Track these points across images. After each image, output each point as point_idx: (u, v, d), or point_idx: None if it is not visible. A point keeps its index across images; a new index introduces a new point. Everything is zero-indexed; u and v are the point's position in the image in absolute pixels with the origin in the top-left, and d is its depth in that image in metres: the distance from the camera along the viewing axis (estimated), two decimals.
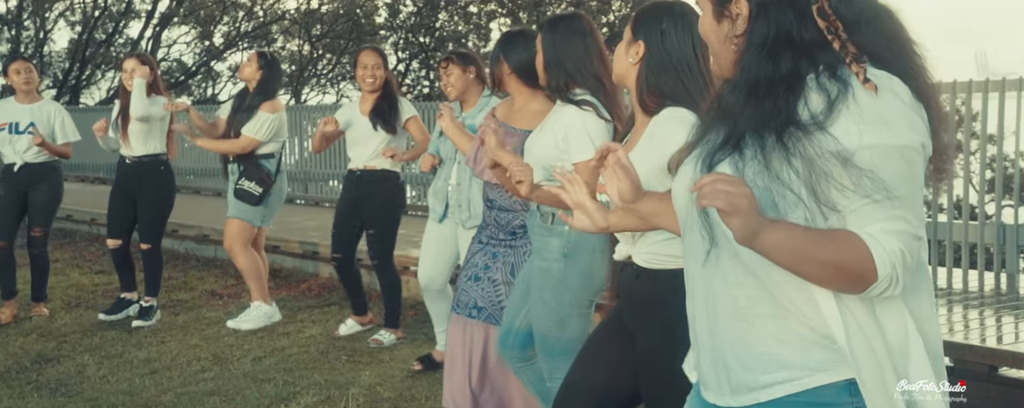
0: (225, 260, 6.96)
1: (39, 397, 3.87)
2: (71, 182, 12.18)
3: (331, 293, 5.85)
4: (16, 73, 5.29)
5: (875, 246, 1.24)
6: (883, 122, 1.25)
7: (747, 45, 1.36)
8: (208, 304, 5.73)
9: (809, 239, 1.24)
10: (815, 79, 1.31)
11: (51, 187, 5.29)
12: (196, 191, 10.68)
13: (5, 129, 5.21)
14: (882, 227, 1.24)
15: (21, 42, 24.05)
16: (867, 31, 1.33)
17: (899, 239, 1.24)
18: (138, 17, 24.88)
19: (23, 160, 5.21)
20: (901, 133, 1.25)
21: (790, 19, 1.33)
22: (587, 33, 2.67)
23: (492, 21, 22.88)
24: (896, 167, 1.24)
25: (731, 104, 1.36)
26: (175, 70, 26.07)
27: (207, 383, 4.03)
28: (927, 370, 1.31)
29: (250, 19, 24.90)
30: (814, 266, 1.24)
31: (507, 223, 3.22)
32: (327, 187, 10.35)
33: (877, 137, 1.24)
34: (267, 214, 5.02)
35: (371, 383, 3.98)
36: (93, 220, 8.37)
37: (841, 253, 1.23)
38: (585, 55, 2.65)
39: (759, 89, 1.32)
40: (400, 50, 24.06)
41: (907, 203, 1.25)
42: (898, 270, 1.24)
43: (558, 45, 2.65)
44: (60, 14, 24.79)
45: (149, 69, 5.09)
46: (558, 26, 2.68)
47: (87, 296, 5.94)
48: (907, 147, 1.25)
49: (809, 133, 1.26)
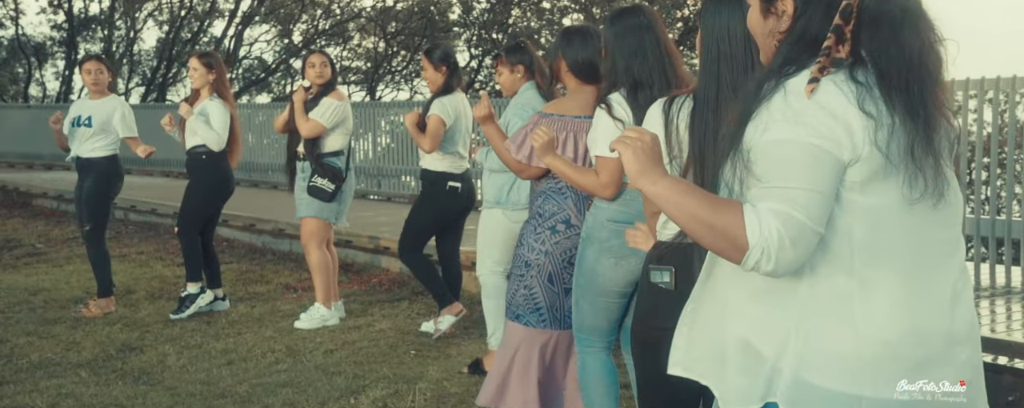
0: (300, 254, 7.13)
1: (123, 385, 4.04)
2: (156, 177, 12.65)
3: (401, 288, 5.93)
4: (87, 72, 5.51)
5: (750, 216, 1.31)
6: (790, 121, 1.31)
7: (784, 42, 1.40)
8: (283, 297, 5.88)
9: (693, 196, 1.36)
10: (776, 76, 1.36)
11: (95, 181, 5.41)
12: (273, 186, 10.97)
13: (73, 123, 5.46)
14: (769, 206, 1.31)
15: (113, 41, 25.03)
16: (882, 32, 1.33)
17: (779, 219, 1.29)
18: (222, 16, 25.65)
19: (78, 152, 5.45)
20: (799, 131, 1.30)
21: (819, 17, 1.36)
22: (647, 27, 2.65)
23: (565, 17, 22.81)
24: (786, 157, 1.30)
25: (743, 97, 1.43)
26: (256, 68, 26.77)
27: (280, 375, 4.14)
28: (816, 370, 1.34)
29: (328, 17, 25.40)
30: (692, 222, 1.35)
31: None
32: (399, 183, 10.49)
33: (776, 133, 1.31)
34: (340, 211, 5.11)
35: (438, 378, 4.03)
36: (175, 214, 8.65)
37: (716, 214, 1.32)
38: (637, 52, 2.64)
39: (761, 83, 1.39)
40: (473, 47, 24.21)
41: (794, 191, 1.30)
42: (771, 245, 1.29)
43: (615, 39, 2.66)
44: (149, 14, 25.70)
45: (210, 69, 5.25)
46: (617, 20, 2.68)
47: (169, 288, 6.16)
48: (794, 141, 1.30)
49: (743, 126, 1.36)
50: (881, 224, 1.34)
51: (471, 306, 5.39)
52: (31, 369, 4.26)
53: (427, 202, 4.72)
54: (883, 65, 1.33)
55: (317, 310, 5.10)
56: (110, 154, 5.42)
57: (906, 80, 1.32)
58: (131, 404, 3.74)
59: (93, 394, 3.88)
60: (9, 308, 5.54)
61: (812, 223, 1.30)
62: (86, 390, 3.93)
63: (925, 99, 1.33)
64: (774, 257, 1.29)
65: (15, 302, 5.70)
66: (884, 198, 1.34)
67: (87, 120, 5.39)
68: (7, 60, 26.88)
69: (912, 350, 1.34)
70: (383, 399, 3.75)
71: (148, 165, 12.84)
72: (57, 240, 8.19)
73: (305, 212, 5.04)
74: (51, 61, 27.11)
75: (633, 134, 1.46)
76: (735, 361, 1.41)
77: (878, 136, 1.31)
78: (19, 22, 25.70)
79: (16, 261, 7.28)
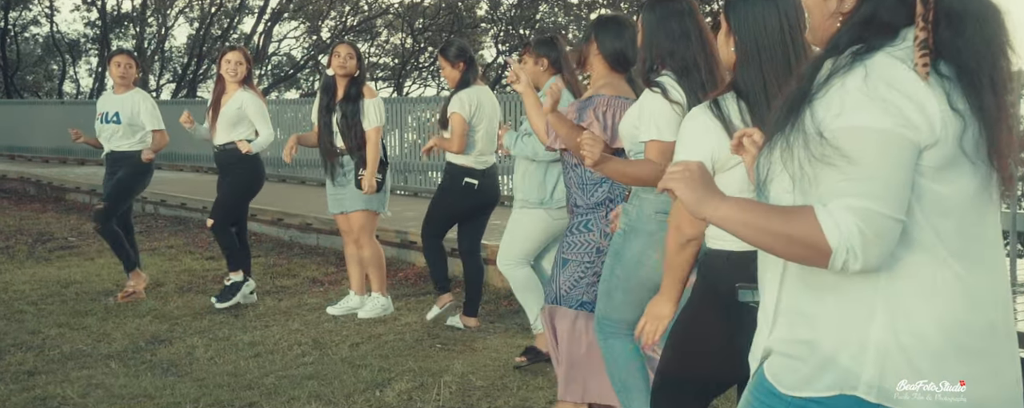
0: (326, 248, 7.17)
1: (152, 376, 4.07)
2: (186, 172, 12.78)
3: (427, 282, 5.93)
4: (116, 66, 5.57)
5: (825, 218, 1.27)
6: (870, 105, 1.27)
7: (849, 22, 1.37)
8: (309, 291, 5.91)
9: (760, 212, 1.34)
10: (836, 56, 1.33)
11: (128, 171, 5.49)
12: (301, 181, 11.03)
13: (100, 119, 5.53)
14: (845, 203, 1.27)
15: (144, 38, 25.34)
16: (964, 29, 1.31)
17: (857, 215, 1.26)
18: (251, 13, 25.87)
19: (109, 147, 5.51)
20: (881, 117, 1.26)
21: (892, 2, 1.33)
22: (687, 14, 2.64)
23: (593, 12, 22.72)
24: (865, 145, 1.26)
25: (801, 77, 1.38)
26: (285, 64, 26.96)
27: (307, 367, 4.16)
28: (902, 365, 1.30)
29: (356, 13, 25.53)
30: (766, 237, 1.33)
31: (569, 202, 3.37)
32: (426, 178, 10.52)
33: (854, 118, 1.27)
34: (384, 200, 5.13)
35: (464, 371, 4.02)
36: (205, 208, 8.74)
37: (789, 224, 1.29)
38: (682, 36, 2.62)
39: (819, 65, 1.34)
40: (500, 42, 24.19)
41: (871, 181, 1.26)
42: (854, 243, 1.26)
43: (655, 26, 2.64)
44: (180, 11, 25.99)
45: (250, 62, 5.31)
46: (657, 7, 2.66)
47: (198, 281, 6.21)
48: (875, 129, 1.26)
49: (807, 108, 1.30)
50: (949, 212, 1.33)
51: (497, 301, 5.38)
52: (62, 360, 4.32)
53: (442, 194, 4.82)
54: (965, 60, 1.30)
55: (376, 300, 5.14)
56: (142, 148, 5.49)
57: (990, 77, 1.31)
58: (159, 395, 3.77)
59: (122, 385, 3.92)
60: (42, 300, 5.62)
61: (893, 212, 1.27)
62: (115, 381, 3.97)
63: (999, 97, 1.32)
64: (861, 254, 1.27)
65: (47, 294, 5.78)
66: (953, 187, 1.32)
67: (115, 116, 5.45)
68: (42, 57, 27.33)
69: (981, 343, 1.34)
70: (408, 392, 3.76)
71: (178, 161, 12.99)
72: (89, 234, 8.28)
73: (354, 206, 5.04)
74: (85, 58, 27.51)
75: (677, 168, 1.43)
76: (816, 354, 1.36)
77: (955, 127, 1.29)
78: (54, 19, 26.11)
79: (49, 254, 7.38)
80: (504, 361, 4.19)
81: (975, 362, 1.33)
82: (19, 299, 5.63)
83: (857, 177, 1.27)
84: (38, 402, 3.71)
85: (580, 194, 3.26)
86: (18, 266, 6.85)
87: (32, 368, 4.18)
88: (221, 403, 3.67)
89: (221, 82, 5.32)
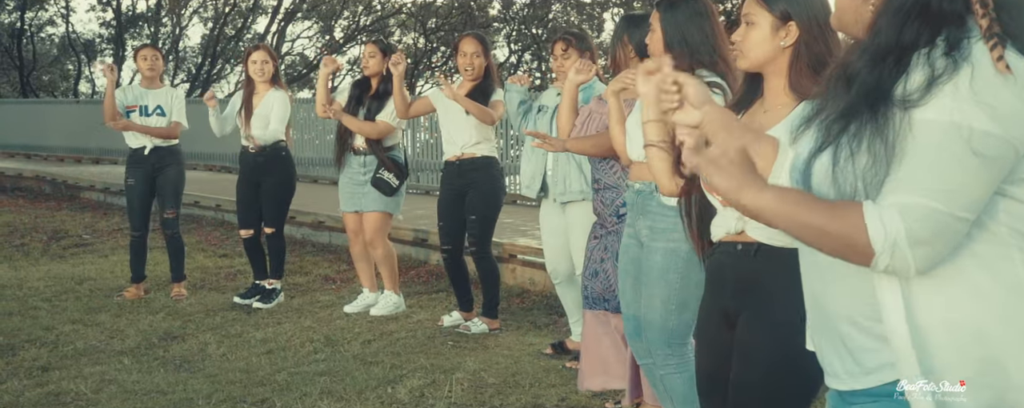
0: (339, 246, 7.18)
1: (164, 372, 4.08)
2: (200, 171, 12.83)
3: (439, 280, 5.93)
4: (144, 59, 5.60)
5: (871, 216, 1.18)
6: (967, 101, 1.15)
7: (885, 8, 1.28)
8: (322, 288, 5.91)
9: (804, 204, 1.23)
10: (926, 54, 1.22)
11: (178, 170, 5.56)
12: (314, 180, 11.06)
13: (136, 111, 5.49)
14: (898, 199, 1.18)
15: (159, 38, 25.48)
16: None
17: (908, 214, 1.16)
18: (265, 13, 25.95)
19: (153, 143, 5.49)
20: (976, 114, 1.15)
21: None
22: (707, 14, 2.63)
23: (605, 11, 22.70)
24: (944, 143, 1.15)
25: (856, 71, 1.28)
26: (298, 63, 27.05)
27: (319, 364, 4.16)
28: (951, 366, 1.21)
29: (368, 13, 25.57)
30: (805, 231, 1.23)
31: (610, 202, 3.22)
32: (436, 177, 10.52)
33: (943, 112, 1.15)
34: (399, 203, 5.13)
35: (475, 369, 4.01)
36: (218, 206, 8.78)
37: (832, 219, 1.20)
38: (708, 36, 2.60)
39: (882, 56, 1.25)
40: (513, 42, 24.19)
41: (940, 181, 1.16)
42: (900, 245, 1.17)
43: (681, 25, 2.60)
44: (194, 11, 26.12)
45: (273, 62, 5.35)
46: (678, 6, 2.63)
47: (211, 278, 6.23)
48: (964, 127, 1.15)
49: (898, 111, 1.19)
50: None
51: (508, 299, 5.37)
52: (76, 356, 4.34)
53: (491, 190, 4.66)
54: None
55: (389, 297, 5.15)
56: (179, 141, 5.59)
57: None
58: (172, 391, 3.78)
59: (135, 381, 3.93)
60: (56, 296, 5.65)
61: (957, 211, 1.17)
62: (129, 377, 3.98)
63: None
64: (908, 256, 1.17)
65: (62, 291, 5.81)
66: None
67: (157, 109, 5.47)
68: (57, 57, 27.52)
69: None
70: (420, 389, 3.75)
71: (190, 159, 13.01)
72: (103, 231, 8.34)
73: (372, 207, 5.03)
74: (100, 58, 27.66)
75: (715, 151, 1.29)
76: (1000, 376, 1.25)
77: None
78: (69, 20, 26.28)
79: (64, 251, 7.43)
80: (516, 358, 4.18)
81: None
82: (34, 295, 5.66)
83: (922, 174, 1.17)
84: (52, 397, 3.73)
85: None
86: (33, 263, 6.89)
87: (46, 364, 4.20)
88: (233, 399, 3.67)
89: (250, 83, 5.34)
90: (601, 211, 3.31)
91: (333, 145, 5.35)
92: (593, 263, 3.31)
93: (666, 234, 2.66)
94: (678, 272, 2.63)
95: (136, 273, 5.63)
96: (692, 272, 2.60)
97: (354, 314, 5.13)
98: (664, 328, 2.68)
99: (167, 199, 5.56)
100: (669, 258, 2.65)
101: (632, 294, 2.84)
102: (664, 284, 2.65)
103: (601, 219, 3.33)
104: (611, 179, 3.19)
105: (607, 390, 3.47)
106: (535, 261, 5.56)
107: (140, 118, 5.48)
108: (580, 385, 3.48)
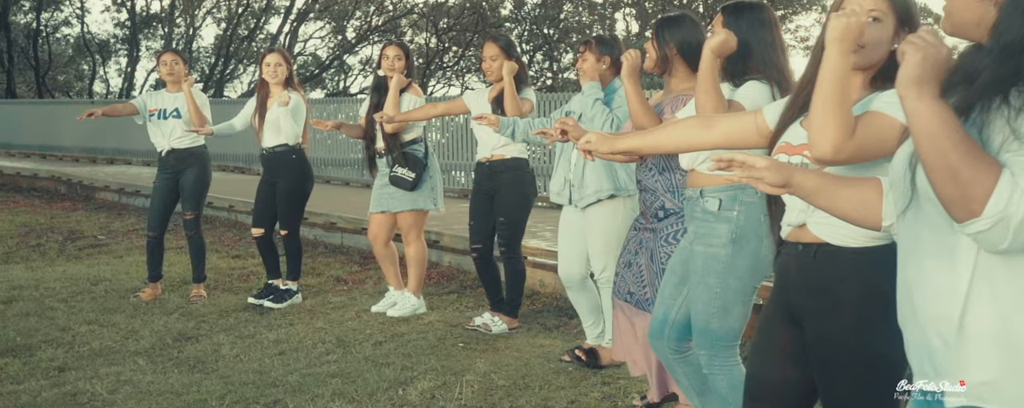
0: (351, 247, 7.22)
1: (178, 373, 4.13)
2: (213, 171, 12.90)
3: (450, 281, 5.97)
4: (164, 64, 5.68)
5: (1005, 184, 1.17)
6: None
7: (1012, 8, 1.28)
8: (334, 289, 5.96)
9: (954, 133, 1.21)
10: None
11: (198, 172, 5.61)
12: (326, 180, 11.11)
13: (155, 115, 5.59)
14: None
15: (173, 39, 25.63)
16: None
17: None
18: (277, 13, 26.09)
19: (170, 145, 5.55)
20: None
21: None
22: (771, 24, 2.66)
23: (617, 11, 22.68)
24: None
25: (978, 70, 1.29)
26: (310, 64, 27.15)
27: (330, 365, 4.19)
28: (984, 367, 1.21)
29: (380, 13, 25.65)
30: (938, 159, 1.21)
31: (650, 204, 3.24)
32: (450, 178, 10.55)
33: None
34: (435, 196, 5.15)
35: (486, 371, 4.04)
36: (231, 207, 8.84)
37: (968, 164, 1.19)
38: (769, 45, 2.62)
39: (1012, 54, 1.25)
40: (524, 42, 24.21)
41: None
42: (1011, 222, 1.16)
43: (746, 31, 2.61)
44: (207, 12, 26.27)
45: (288, 65, 5.41)
46: (745, 13, 2.64)
47: (224, 279, 6.28)
48: None
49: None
50: None
51: (532, 299, 5.39)
52: (91, 356, 4.39)
53: (521, 191, 4.69)
54: None
55: (409, 299, 5.19)
56: (203, 143, 5.63)
57: None
58: (186, 392, 3.82)
59: (150, 381, 3.98)
60: (72, 297, 5.71)
61: None
62: (143, 377, 4.03)
63: None
64: (1010, 235, 1.18)
65: (77, 291, 5.87)
66: None
67: (176, 112, 5.54)
68: (73, 58, 27.74)
69: None
70: (431, 391, 3.78)
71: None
72: (118, 232, 8.41)
73: (399, 207, 5.08)
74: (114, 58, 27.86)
75: (932, 39, 1.29)
76: None
77: None
78: (84, 20, 26.50)
79: (79, 252, 7.50)
80: (526, 360, 4.20)
81: None
82: (50, 296, 5.72)
83: None
84: (69, 398, 3.78)
85: (671, 199, 3.18)
86: (49, 264, 6.96)
87: (62, 364, 4.26)
88: (246, 400, 3.71)
89: (264, 86, 5.40)
90: (643, 209, 3.34)
91: (345, 145, 5.39)
92: (628, 253, 3.34)
93: (706, 239, 2.67)
94: (717, 276, 2.63)
95: (153, 272, 5.69)
96: (731, 279, 2.62)
97: (368, 315, 5.16)
98: (705, 331, 2.69)
99: (187, 201, 5.62)
100: (708, 263, 2.65)
101: (670, 292, 2.86)
102: (704, 288, 2.67)
103: (643, 215, 3.35)
104: (650, 182, 3.20)
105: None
106: (546, 263, 5.58)
107: (158, 121, 5.57)
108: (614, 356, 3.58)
